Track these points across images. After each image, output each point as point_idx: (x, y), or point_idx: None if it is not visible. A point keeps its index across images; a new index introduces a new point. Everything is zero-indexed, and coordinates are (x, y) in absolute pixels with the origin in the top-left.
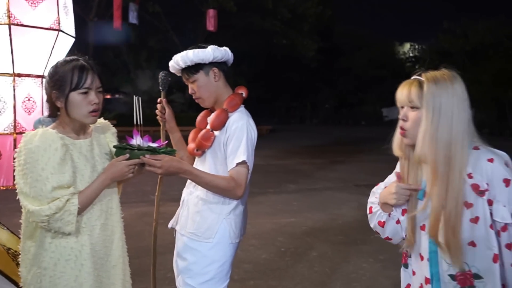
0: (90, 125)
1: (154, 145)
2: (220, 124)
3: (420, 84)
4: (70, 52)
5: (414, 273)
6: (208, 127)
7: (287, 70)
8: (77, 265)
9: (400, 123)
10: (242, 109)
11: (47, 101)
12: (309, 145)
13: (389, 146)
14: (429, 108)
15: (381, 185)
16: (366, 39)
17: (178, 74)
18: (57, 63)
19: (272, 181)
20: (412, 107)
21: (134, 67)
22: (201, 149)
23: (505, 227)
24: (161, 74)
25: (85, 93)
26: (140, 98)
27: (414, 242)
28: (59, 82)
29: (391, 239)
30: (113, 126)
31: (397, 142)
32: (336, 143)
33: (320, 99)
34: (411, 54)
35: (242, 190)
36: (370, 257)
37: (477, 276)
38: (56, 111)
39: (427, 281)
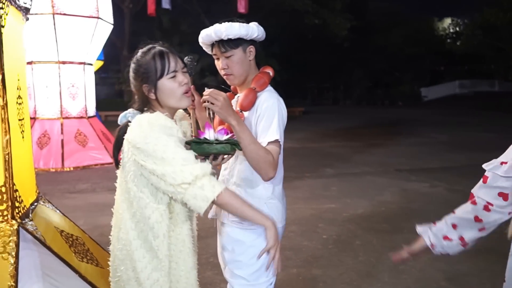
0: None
1: (226, 136)
2: (249, 104)
3: None
4: (109, 39)
5: None
6: (237, 108)
7: (319, 51)
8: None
9: None
10: (270, 88)
11: (137, 96)
12: (343, 127)
13: None
14: None
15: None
16: (401, 15)
17: (206, 46)
18: (135, 57)
19: (308, 165)
20: None
21: None
22: (232, 132)
23: None
24: (187, 59)
25: (173, 76)
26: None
27: None
28: (146, 74)
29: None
30: None
31: None
32: (372, 125)
33: (354, 80)
34: (451, 30)
35: (275, 170)
36: None
37: None
38: (145, 104)
39: None
